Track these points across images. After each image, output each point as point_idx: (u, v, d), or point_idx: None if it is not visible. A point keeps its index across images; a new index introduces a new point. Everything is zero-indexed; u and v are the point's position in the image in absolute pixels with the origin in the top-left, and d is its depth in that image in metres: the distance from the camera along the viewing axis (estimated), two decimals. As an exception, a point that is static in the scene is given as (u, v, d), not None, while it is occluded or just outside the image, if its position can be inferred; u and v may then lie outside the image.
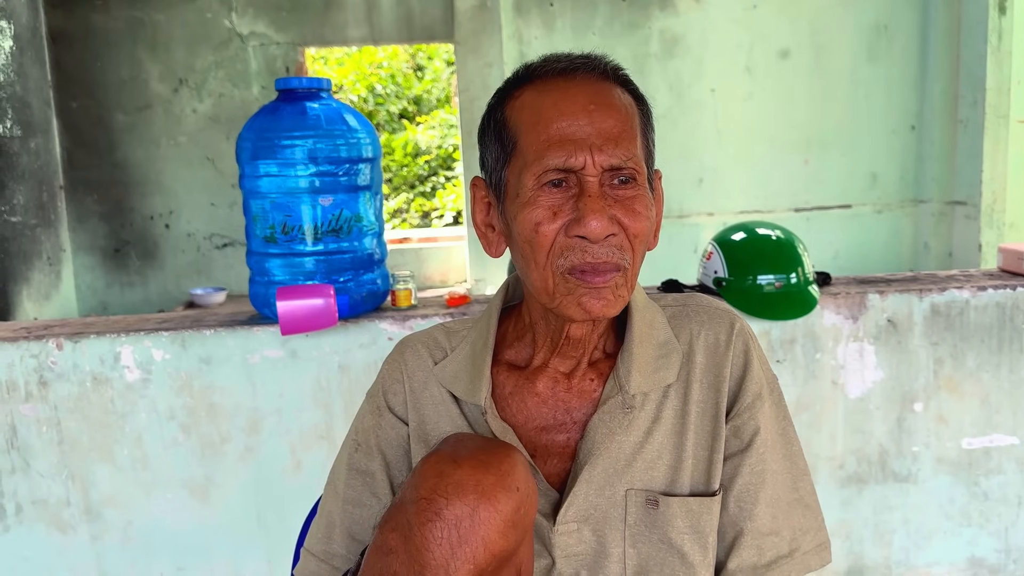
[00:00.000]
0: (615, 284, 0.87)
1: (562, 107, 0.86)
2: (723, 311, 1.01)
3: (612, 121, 0.86)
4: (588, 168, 0.85)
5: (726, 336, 0.98)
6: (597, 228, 0.83)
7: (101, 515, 1.92)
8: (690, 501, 0.93)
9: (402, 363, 1.02)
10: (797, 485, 0.97)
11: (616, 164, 0.85)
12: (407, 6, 4.99)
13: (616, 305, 0.88)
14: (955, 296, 2.00)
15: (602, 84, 0.89)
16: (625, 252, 0.87)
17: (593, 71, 0.89)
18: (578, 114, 0.85)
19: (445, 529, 0.72)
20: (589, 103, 0.86)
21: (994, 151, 4.71)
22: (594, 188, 0.85)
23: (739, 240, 2.03)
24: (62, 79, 4.91)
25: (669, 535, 0.92)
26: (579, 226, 0.84)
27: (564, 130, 0.85)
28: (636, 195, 0.87)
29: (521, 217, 0.87)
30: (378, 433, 1.00)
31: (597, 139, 0.85)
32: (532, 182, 0.86)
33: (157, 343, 1.87)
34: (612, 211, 0.85)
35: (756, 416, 0.96)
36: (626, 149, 0.86)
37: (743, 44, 5.04)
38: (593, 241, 0.85)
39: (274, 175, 1.83)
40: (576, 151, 0.84)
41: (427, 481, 0.75)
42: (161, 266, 5.14)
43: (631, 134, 0.88)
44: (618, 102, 0.88)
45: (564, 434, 0.95)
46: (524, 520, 0.77)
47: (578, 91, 0.87)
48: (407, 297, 2.01)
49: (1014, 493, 2.08)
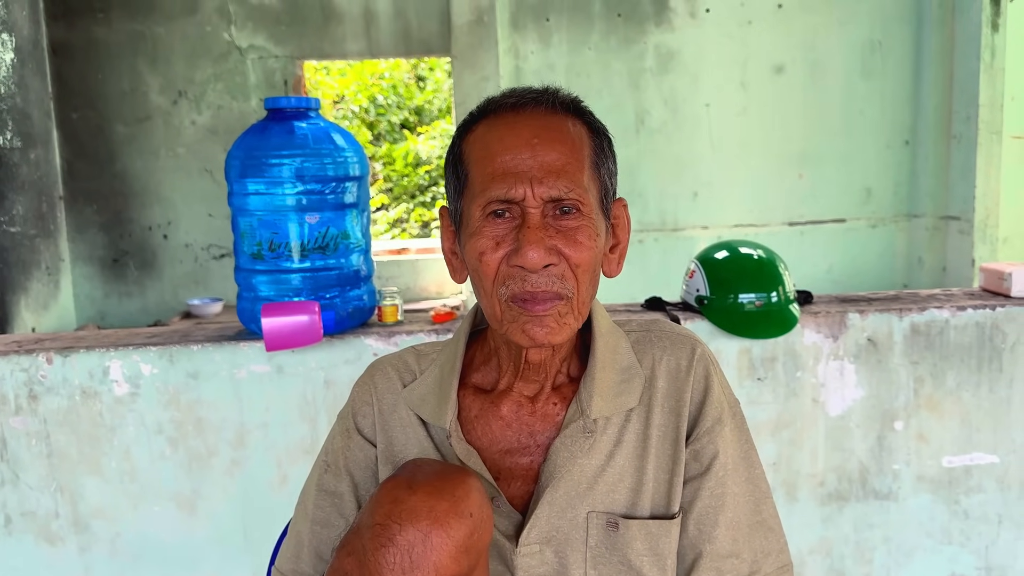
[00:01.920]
0: (557, 312, 0.89)
1: (507, 141, 0.89)
2: (685, 337, 1.03)
3: (555, 154, 0.89)
4: (528, 200, 0.88)
5: (687, 361, 1.00)
6: (533, 258, 0.86)
7: (89, 527, 1.94)
8: (650, 524, 0.95)
9: (372, 385, 1.04)
10: (759, 508, 0.99)
11: (557, 195, 0.88)
12: (405, 20, 5.04)
13: (561, 332, 0.90)
14: (935, 315, 2.02)
15: (551, 117, 0.91)
16: (566, 281, 0.89)
17: (542, 105, 0.92)
18: (521, 148, 0.89)
19: (398, 555, 0.75)
20: (533, 137, 0.89)
21: (987, 166, 4.73)
22: (534, 219, 0.88)
23: (721, 259, 2.05)
24: (63, 90, 4.96)
25: (629, 557, 0.94)
26: (517, 256, 0.87)
27: (507, 163, 0.89)
28: (579, 226, 0.89)
29: (469, 246, 0.91)
30: (347, 455, 1.02)
31: (538, 171, 0.88)
32: (478, 213, 0.90)
33: (145, 358, 1.90)
34: (553, 241, 0.88)
35: (716, 440, 0.98)
36: (568, 181, 0.88)
37: (738, 59, 5.07)
38: (531, 270, 0.88)
39: (262, 193, 1.86)
40: (516, 183, 0.88)
41: (382, 507, 0.77)
42: (159, 276, 5.17)
43: (576, 166, 0.90)
44: (566, 135, 0.91)
45: (527, 457, 0.97)
46: (477, 545, 0.79)
47: (524, 125, 0.90)
48: (393, 313, 2.04)
49: (994, 511, 2.09)
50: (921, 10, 5.03)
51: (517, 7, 4.98)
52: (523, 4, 4.98)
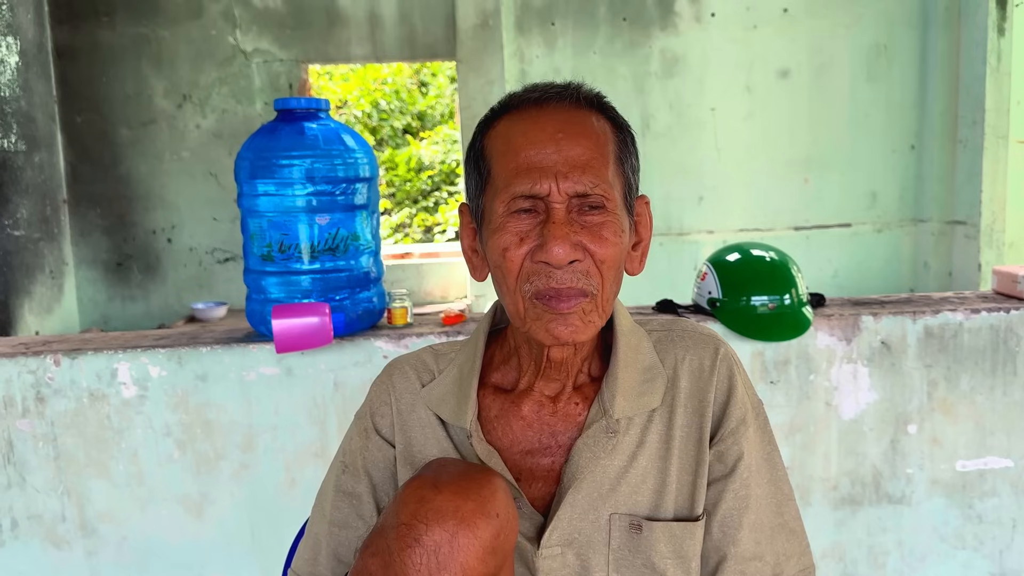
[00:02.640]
0: (582, 310, 0.88)
1: (531, 136, 0.88)
2: (708, 336, 1.02)
3: (580, 148, 0.87)
4: (553, 195, 0.86)
5: (710, 361, 0.99)
6: (559, 254, 0.85)
7: (96, 531, 1.93)
8: (673, 526, 0.93)
9: (390, 385, 1.03)
10: (782, 510, 0.98)
11: (582, 191, 0.86)
12: (410, 24, 5.04)
13: (585, 331, 0.89)
14: (949, 319, 2.00)
15: (574, 112, 0.90)
16: (591, 278, 0.88)
17: (566, 100, 0.90)
18: (546, 142, 0.87)
19: (424, 555, 0.73)
20: (557, 132, 0.88)
21: (993, 171, 4.72)
22: (559, 214, 0.86)
23: (733, 261, 2.04)
24: (67, 94, 4.96)
25: (652, 560, 0.93)
26: (542, 252, 0.86)
27: (531, 158, 0.87)
28: (604, 221, 0.88)
29: (492, 243, 0.89)
30: (365, 455, 1.01)
31: (563, 166, 0.86)
32: (502, 209, 0.88)
33: (154, 360, 1.89)
34: (578, 237, 0.86)
35: (740, 441, 0.96)
36: (594, 176, 0.87)
37: (743, 64, 5.07)
38: (556, 267, 0.86)
39: (272, 194, 1.85)
40: (541, 178, 0.86)
41: (407, 507, 0.76)
42: (163, 280, 5.16)
43: (601, 161, 0.88)
44: (590, 129, 0.89)
45: (549, 457, 0.96)
46: (504, 546, 0.78)
47: (548, 120, 0.89)
48: (403, 315, 2.02)
49: (1008, 516, 2.07)
50: (927, 14, 5.03)
51: (522, 11, 4.98)
52: (528, 8, 4.98)
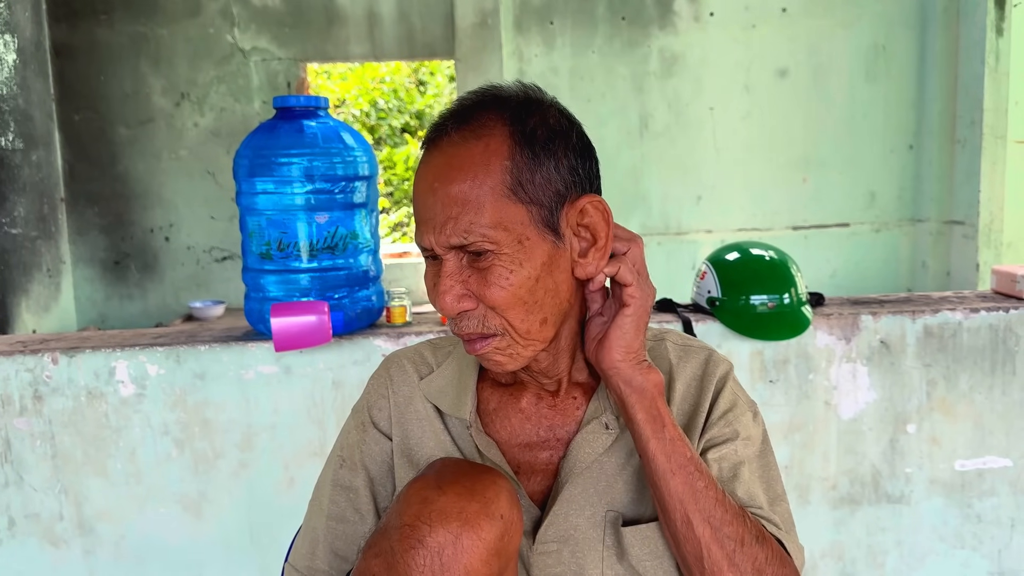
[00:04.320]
0: (495, 348, 0.87)
1: (419, 185, 0.87)
2: (698, 347, 1.03)
3: (452, 196, 0.83)
4: (435, 248, 0.85)
5: (703, 370, 1.00)
6: (445, 307, 0.85)
7: (94, 529, 1.92)
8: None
9: (387, 379, 1.03)
10: (774, 508, 0.98)
11: (456, 243, 0.84)
12: (408, 23, 5.03)
13: (512, 362, 0.89)
14: (948, 318, 2.00)
15: (456, 148, 0.85)
16: (489, 320, 0.86)
17: (450, 132, 0.86)
18: (426, 193, 0.85)
19: (428, 557, 0.73)
20: (434, 180, 0.85)
21: (992, 171, 4.72)
22: (447, 266, 0.85)
23: (733, 260, 2.03)
24: (65, 92, 4.94)
25: (644, 559, 0.92)
26: (436, 303, 0.86)
27: (418, 209, 0.87)
28: (490, 266, 0.84)
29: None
30: (362, 449, 1.01)
31: (440, 218, 0.84)
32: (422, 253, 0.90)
33: (152, 358, 1.88)
34: (467, 285, 0.85)
35: (732, 423, 0.97)
36: (468, 224, 0.82)
37: (742, 63, 5.07)
38: (450, 316, 0.87)
39: (271, 192, 1.85)
40: (425, 232, 0.86)
41: (411, 507, 0.75)
42: (160, 279, 5.15)
43: (478, 204, 0.82)
44: (468, 164, 0.83)
45: (547, 451, 0.96)
46: (508, 548, 0.77)
47: (429, 166, 0.86)
48: (402, 314, 2.02)
49: (1007, 515, 2.07)
50: (925, 14, 5.03)
51: (521, 10, 4.97)
52: (527, 7, 4.98)
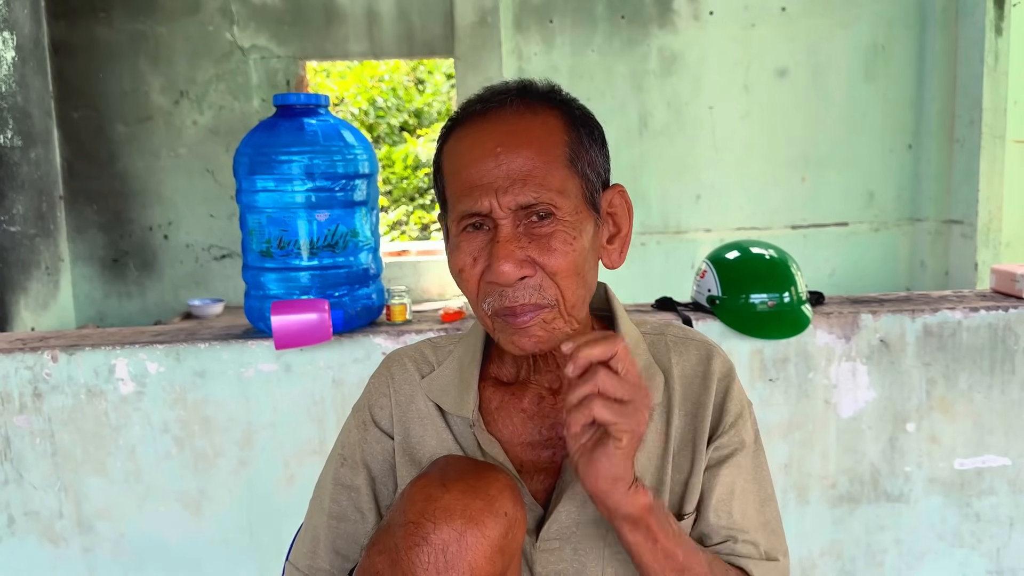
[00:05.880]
0: (542, 320, 0.87)
1: (474, 152, 0.87)
2: (700, 341, 1.03)
3: (521, 159, 0.85)
4: (496, 211, 0.85)
5: (705, 366, 1.00)
6: (505, 273, 0.84)
7: (93, 527, 1.92)
8: None
9: (388, 377, 1.03)
10: (763, 508, 0.99)
11: (524, 202, 0.85)
12: (408, 22, 5.03)
13: (550, 340, 0.89)
14: (948, 317, 2.00)
15: (517, 119, 0.88)
16: (546, 290, 0.87)
17: (509, 106, 0.89)
18: (486, 158, 0.86)
19: (432, 554, 0.73)
20: (496, 145, 0.86)
21: (990, 170, 4.73)
22: (505, 231, 0.85)
23: (733, 259, 2.04)
24: (63, 90, 4.94)
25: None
26: (491, 272, 0.85)
27: (473, 176, 0.86)
28: (554, 231, 0.86)
29: (451, 261, 0.90)
30: (363, 447, 1.01)
31: (504, 181, 0.85)
32: (455, 228, 0.89)
33: (152, 356, 1.88)
34: (527, 252, 0.85)
35: (740, 433, 0.98)
36: (536, 186, 0.85)
37: (741, 62, 5.07)
38: (505, 286, 0.85)
39: (271, 190, 1.84)
40: (482, 196, 0.85)
41: (415, 505, 0.75)
42: (159, 277, 5.15)
43: (546, 168, 0.86)
44: (533, 136, 0.87)
45: (550, 450, 0.96)
46: (511, 545, 0.77)
47: (489, 133, 0.87)
48: (402, 312, 2.02)
49: (1006, 514, 2.08)
50: (924, 14, 5.03)
51: (520, 9, 4.97)
52: (526, 6, 4.98)
